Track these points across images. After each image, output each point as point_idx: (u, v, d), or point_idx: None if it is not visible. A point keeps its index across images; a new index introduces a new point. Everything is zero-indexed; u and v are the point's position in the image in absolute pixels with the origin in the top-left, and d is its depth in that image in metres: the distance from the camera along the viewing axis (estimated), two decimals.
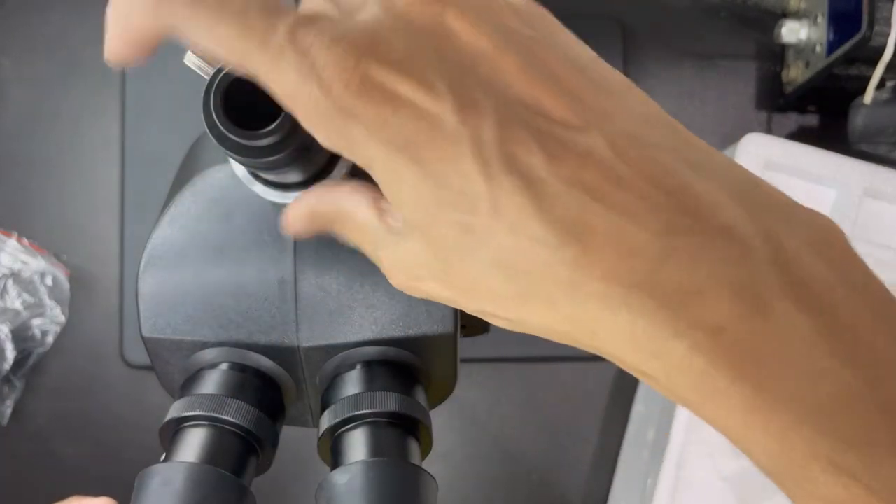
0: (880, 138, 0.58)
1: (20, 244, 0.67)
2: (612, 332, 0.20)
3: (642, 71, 0.70)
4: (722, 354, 0.18)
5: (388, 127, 0.19)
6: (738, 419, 0.19)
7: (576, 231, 0.19)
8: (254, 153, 0.25)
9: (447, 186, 0.20)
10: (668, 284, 0.19)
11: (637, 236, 0.19)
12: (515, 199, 0.19)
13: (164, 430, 0.30)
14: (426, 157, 0.19)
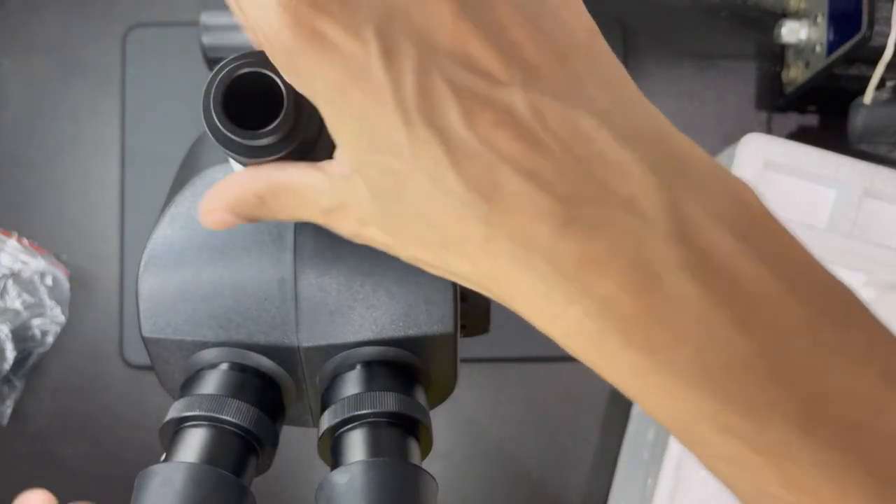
0: (880, 138, 0.58)
1: (20, 244, 0.67)
2: (520, 292, 0.20)
3: (642, 71, 0.70)
4: (611, 322, 0.19)
5: (322, 70, 0.20)
6: (631, 382, 0.20)
7: (486, 190, 0.19)
8: (253, 153, 0.25)
9: (375, 130, 0.20)
10: (567, 252, 0.19)
11: (543, 201, 0.19)
12: (433, 151, 0.19)
13: (164, 430, 0.30)
14: (355, 102, 0.20)
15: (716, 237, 0.19)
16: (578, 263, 0.19)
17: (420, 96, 0.19)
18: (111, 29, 0.71)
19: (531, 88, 0.19)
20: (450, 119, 0.19)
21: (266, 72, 0.24)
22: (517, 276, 0.20)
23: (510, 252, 0.19)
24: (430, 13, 0.20)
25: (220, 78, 0.24)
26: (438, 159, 0.19)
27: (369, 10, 0.20)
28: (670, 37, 0.71)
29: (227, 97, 0.24)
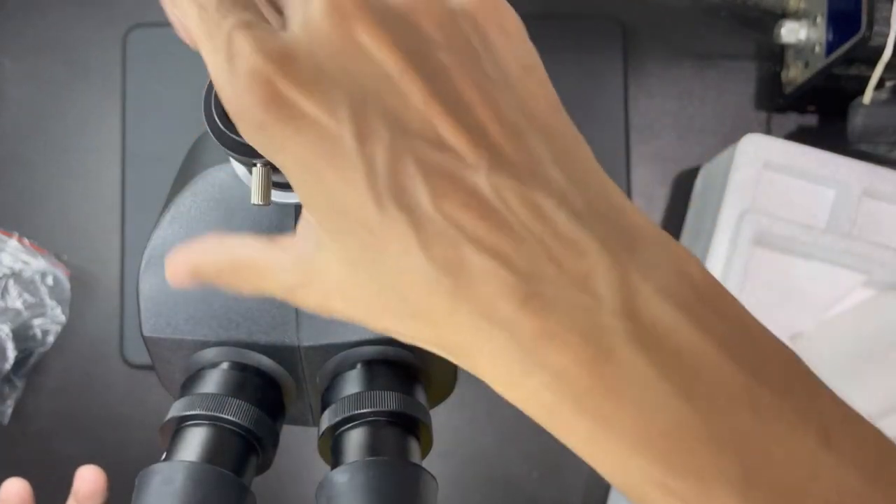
0: (879, 138, 0.58)
1: (21, 244, 0.67)
2: (482, 360, 0.21)
3: (642, 71, 0.70)
4: (565, 393, 0.20)
5: (293, 144, 0.20)
6: (585, 448, 0.21)
7: (451, 268, 0.20)
8: (254, 152, 0.25)
9: (346, 208, 0.20)
10: (526, 327, 0.20)
11: (505, 278, 0.20)
12: (401, 230, 0.20)
13: (164, 430, 0.30)
14: (327, 177, 0.20)
15: (660, 311, 0.20)
16: (535, 337, 0.20)
17: (391, 178, 0.20)
18: (112, 29, 0.71)
19: (496, 170, 0.20)
20: (419, 199, 0.20)
21: None
22: (479, 345, 0.20)
23: (473, 324, 0.20)
24: (402, 93, 0.20)
25: None
26: (407, 237, 0.20)
27: (343, 90, 0.20)
28: (670, 37, 0.71)
29: None
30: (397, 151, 0.20)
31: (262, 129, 0.20)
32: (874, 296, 0.62)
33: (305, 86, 0.20)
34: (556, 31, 0.69)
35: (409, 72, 0.20)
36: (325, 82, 0.20)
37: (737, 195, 0.58)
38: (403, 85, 0.20)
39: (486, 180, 0.20)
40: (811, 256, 0.60)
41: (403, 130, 0.20)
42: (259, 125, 0.20)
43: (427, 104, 0.20)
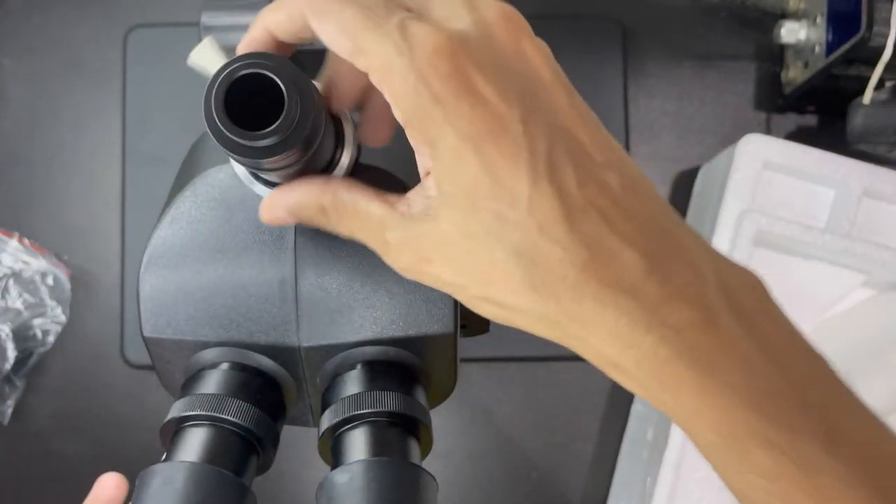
0: (879, 138, 0.58)
1: (21, 244, 0.67)
2: (599, 326, 0.24)
3: (642, 71, 0.70)
4: (681, 347, 0.24)
5: (464, 117, 0.23)
6: (692, 401, 0.24)
7: (588, 243, 0.24)
8: (254, 153, 0.25)
9: (498, 180, 0.24)
10: (647, 293, 0.24)
11: (630, 256, 0.24)
12: (550, 203, 0.24)
13: (164, 430, 0.30)
14: (488, 152, 0.24)
15: (747, 299, 0.25)
16: (658, 301, 0.24)
17: (548, 159, 0.24)
18: (112, 29, 0.71)
19: (618, 171, 0.25)
20: (568, 182, 0.24)
21: (267, 73, 0.24)
22: (600, 312, 0.24)
23: (598, 293, 0.24)
24: (553, 97, 0.25)
25: (221, 79, 0.24)
26: (553, 211, 0.24)
27: (513, 80, 0.24)
28: (670, 37, 0.71)
29: (229, 98, 0.24)
30: (554, 139, 0.24)
31: (437, 101, 0.23)
32: (874, 296, 0.62)
33: (483, 67, 0.24)
34: (556, 31, 0.69)
35: (557, 83, 0.25)
36: (500, 70, 0.24)
37: (736, 195, 0.58)
38: (553, 91, 0.25)
39: (614, 177, 0.24)
40: (811, 256, 0.60)
41: (556, 125, 0.24)
42: (435, 98, 0.23)
43: (570, 110, 0.25)
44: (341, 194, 0.27)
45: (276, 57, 0.25)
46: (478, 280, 0.25)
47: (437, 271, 0.26)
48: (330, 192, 0.27)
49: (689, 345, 0.24)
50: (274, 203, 0.28)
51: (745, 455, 0.24)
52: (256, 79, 0.24)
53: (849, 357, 0.58)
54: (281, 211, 0.28)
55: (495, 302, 0.25)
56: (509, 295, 0.25)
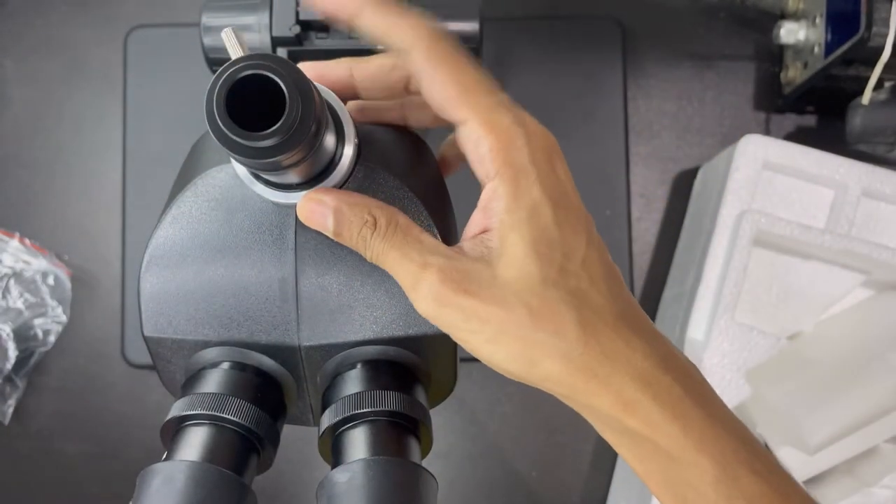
0: (878, 139, 0.58)
1: (22, 244, 0.67)
2: (625, 364, 0.28)
3: (641, 71, 0.70)
4: (690, 388, 0.29)
5: (549, 181, 0.29)
6: (697, 434, 0.28)
7: (618, 298, 0.30)
8: (256, 154, 0.25)
9: (564, 235, 0.29)
10: (661, 343, 0.30)
11: (645, 315, 0.30)
12: (597, 263, 0.29)
13: (165, 429, 0.30)
14: (560, 213, 0.29)
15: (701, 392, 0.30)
16: (669, 350, 0.30)
17: (593, 234, 0.30)
18: (113, 30, 0.71)
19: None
20: (604, 250, 0.30)
21: (269, 74, 0.24)
22: (629, 353, 0.28)
23: (629, 338, 0.29)
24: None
25: (223, 80, 0.24)
26: (600, 270, 0.29)
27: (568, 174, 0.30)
28: (669, 38, 0.71)
29: (230, 99, 0.24)
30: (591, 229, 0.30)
31: (534, 163, 0.28)
32: (873, 295, 0.62)
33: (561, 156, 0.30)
34: (556, 32, 0.69)
35: None
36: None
37: (736, 195, 0.58)
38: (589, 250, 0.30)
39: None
40: (810, 256, 0.60)
41: None
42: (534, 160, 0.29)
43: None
44: (398, 214, 0.29)
45: (277, 58, 0.25)
46: (516, 316, 0.27)
47: (469, 304, 0.27)
48: (387, 209, 0.29)
49: (696, 388, 0.29)
50: (321, 199, 0.29)
51: (736, 482, 0.28)
52: (258, 80, 0.24)
53: (848, 357, 0.58)
54: (327, 210, 0.28)
55: (523, 338, 0.28)
56: (553, 330, 0.27)
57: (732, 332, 0.57)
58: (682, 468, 0.28)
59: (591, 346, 0.28)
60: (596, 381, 0.28)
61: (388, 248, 0.28)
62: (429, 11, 0.52)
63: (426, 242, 0.29)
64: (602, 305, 0.28)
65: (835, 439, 0.56)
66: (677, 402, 0.28)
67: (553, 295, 0.28)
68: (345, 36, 0.52)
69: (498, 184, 0.28)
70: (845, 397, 0.57)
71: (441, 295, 0.27)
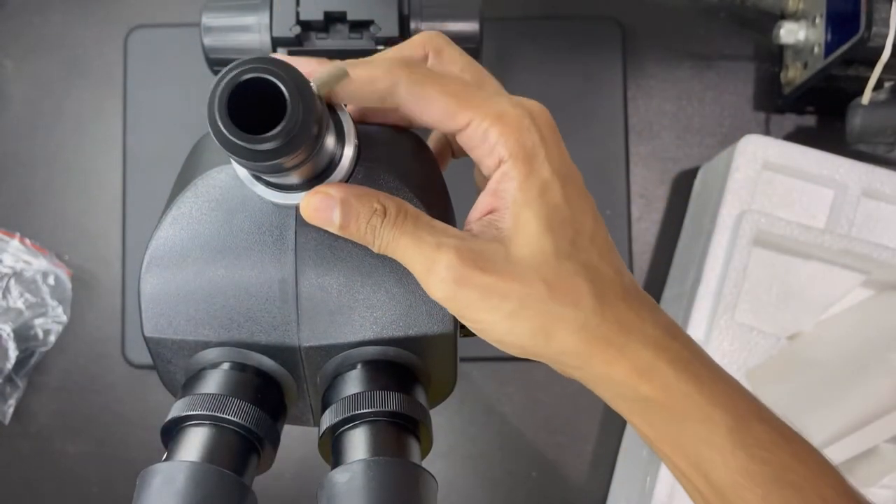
0: (878, 139, 0.58)
1: (22, 244, 0.67)
2: (639, 333, 0.29)
3: (641, 71, 0.70)
4: (696, 353, 0.31)
5: (558, 159, 0.30)
6: (709, 392, 0.30)
7: (624, 272, 0.31)
8: (256, 156, 0.25)
9: (574, 211, 0.30)
10: (663, 314, 0.31)
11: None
12: (603, 238, 0.31)
13: (165, 429, 0.30)
14: (569, 190, 0.30)
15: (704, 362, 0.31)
16: (670, 320, 0.31)
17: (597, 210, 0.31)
18: (113, 30, 0.71)
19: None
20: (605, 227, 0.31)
21: (270, 77, 0.24)
22: (640, 322, 0.30)
23: (640, 307, 0.30)
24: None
25: (224, 82, 0.24)
26: (606, 245, 0.31)
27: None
28: (669, 38, 0.71)
29: (232, 102, 0.24)
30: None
31: (543, 142, 0.29)
32: (873, 295, 0.62)
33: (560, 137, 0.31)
34: (556, 32, 0.69)
35: None
36: None
37: (736, 195, 0.59)
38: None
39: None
40: (810, 256, 0.60)
41: None
42: (543, 139, 0.29)
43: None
44: (406, 204, 0.29)
45: (278, 61, 0.25)
46: (535, 290, 0.28)
47: (488, 281, 0.28)
48: (395, 199, 0.29)
49: (699, 352, 0.30)
50: (328, 192, 0.28)
51: (749, 429, 0.29)
52: (259, 83, 0.24)
53: (848, 357, 0.58)
54: (333, 202, 0.28)
55: (542, 312, 0.28)
56: (571, 302, 0.28)
57: (732, 332, 0.57)
58: (696, 425, 0.29)
59: (606, 316, 0.29)
60: (613, 350, 0.29)
61: (400, 235, 0.28)
62: (429, 11, 0.51)
63: (437, 226, 0.29)
64: (612, 278, 0.29)
65: (835, 439, 0.56)
66: (688, 365, 0.30)
67: (568, 268, 0.28)
68: (345, 36, 0.52)
69: (510, 166, 0.29)
70: (845, 397, 0.57)
71: (459, 274, 0.28)
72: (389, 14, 0.51)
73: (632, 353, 0.29)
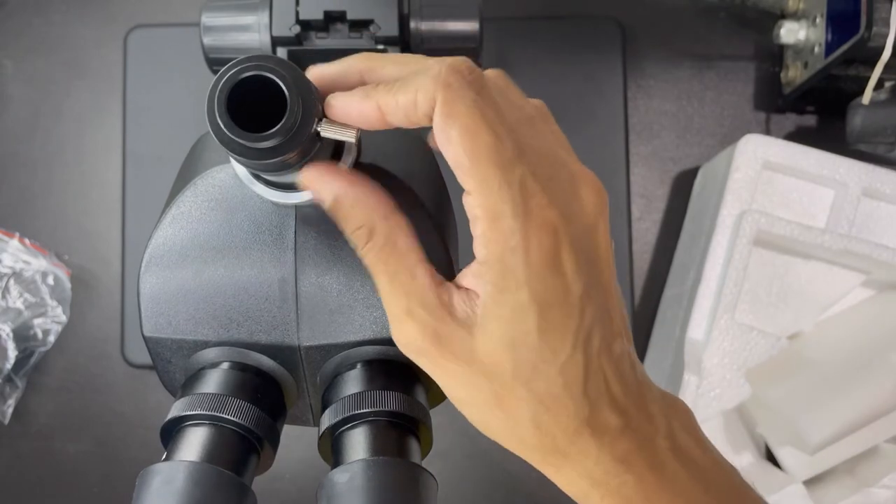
0: (878, 138, 0.58)
1: (22, 244, 0.67)
2: (577, 465, 0.28)
3: (641, 71, 0.70)
4: (639, 490, 0.28)
5: (543, 284, 0.27)
6: None
7: (591, 402, 0.28)
8: (256, 155, 0.25)
9: (546, 341, 0.27)
10: (620, 448, 0.28)
11: (613, 418, 0.28)
12: (577, 370, 0.27)
13: (165, 429, 0.30)
14: (549, 317, 0.27)
15: (683, 436, 0.29)
16: (625, 454, 0.28)
17: (588, 332, 0.27)
18: (113, 30, 0.71)
19: (621, 337, 0.29)
20: (592, 351, 0.28)
21: (270, 75, 0.24)
22: (581, 459, 0.28)
23: (586, 445, 0.28)
24: (603, 272, 0.28)
25: (224, 81, 0.24)
26: (578, 376, 0.27)
27: (586, 255, 0.27)
28: (669, 38, 0.71)
29: (231, 100, 0.24)
30: (596, 317, 0.27)
31: (528, 266, 0.26)
32: (873, 296, 0.62)
33: (573, 245, 0.27)
34: (556, 32, 0.69)
35: (609, 257, 0.29)
36: (581, 246, 0.27)
37: (736, 195, 0.58)
38: (605, 267, 0.28)
39: (619, 346, 0.28)
40: (810, 256, 0.60)
41: (599, 299, 0.28)
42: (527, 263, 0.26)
43: (610, 285, 0.28)
44: (399, 234, 0.28)
45: (278, 59, 0.25)
46: (483, 396, 0.28)
47: (441, 363, 0.28)
48: (390, 221, 0.28)
49: (645, 488, 0.28)
50: (325, 181, 0.28)
51: None
52: (259, 81, 0.24)
53: (849, 357, 0.58)
54: (326, 193, 0.28)
55: (481, 409, 0.29)
56: (505, 420, 0.28)
57: (732, 332, 0.57)
58: None
59: (545, 444, 0.28)
60: (548, 466, 0.29)
61: (378, 268, 0.28)
62: (429, 11, 0.51)
63: (417, 282, 0.28)
64: (570, 412, 0.27)
65: (835, 439, 0.56)
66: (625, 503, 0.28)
67: (519, 394, 0.27)
68: (345, 35, 0.52)
69: (486, 270, 0.27)
70: (845, 397, 0.57)
71: (419, 347, 0.28)
72: (389, 13, 0.51)
73: (567, 476, 0.29)
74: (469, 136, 0.25)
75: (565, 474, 0.29)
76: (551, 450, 0.28)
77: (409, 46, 0.52)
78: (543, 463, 0.29)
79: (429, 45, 0.52)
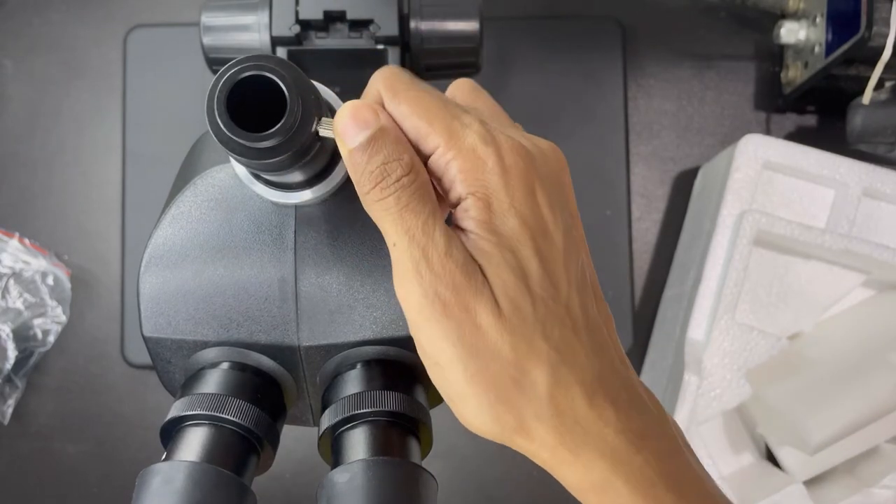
0: (878, 138, 0.58)
1: (22, 244, 0.67)
2: (597, 440, 0.27)
3: (642, 71, 0.70)
4: (660, 471, 0.27)
5: (526, 208, 0.27)
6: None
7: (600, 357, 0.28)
8: (256, 155, 0.25)
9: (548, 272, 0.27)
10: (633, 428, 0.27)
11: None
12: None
13: (164, 429, 0.30)
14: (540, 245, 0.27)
15: (678, 431, 0.29)
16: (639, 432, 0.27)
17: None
18: (112, 30, 0.71)
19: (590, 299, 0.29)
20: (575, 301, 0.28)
21: (269, 75, 0.24)
22: (601, 426, 0.27)
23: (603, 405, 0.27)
24: (577, 225, 0.29)
25: (223, 81, 0.24)
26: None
27: (556, 197, 0.28)
28: (669, 37, 0.71)
29: (231, 99, 0.24)
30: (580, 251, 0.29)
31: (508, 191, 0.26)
32: (873, 295, 0.62)
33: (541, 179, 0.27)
34: (556, 32, 0.69)
35: (577, 217, 0.30)
36: (549, 185, 0.28)
37: (736, 195, 0.58)
38: (577, 222, 0.29)
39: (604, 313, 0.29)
40: (811, 256, 0.60)
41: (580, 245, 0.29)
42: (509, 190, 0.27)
43: (580, 235, 0.29)
44: (433, 196, 0.27)
45: (278, 59, 0.25)
46: (495, 360, 0.26)
47: (452, 326, 0.26)
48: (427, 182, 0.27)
49: (671, 469, 0.27)
50: (373, 112, 0.26)
51: None
52: (258, 80, 0.24)
53: (849, 357, 0.58)
54: (375, 122, 0.26)
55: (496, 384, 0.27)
56: (528, 384, 0.27)
57: (733, 332, 0.57)
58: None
59: (563, 411, 0.26)
60: (564, 451, 0.27)
61: (398, 214, 0.26)
62: (429, 10, 0.51)
63: (436, 244, 0.26)
64: (583, 362, 0.26)
65: (835, 439, 0.56)
66: (649, 488, 0.26)
67: (539, 348, 0.26)
68: (345, 35, 0.52)
69: (470, 203, 0.26)
70: (845, 397, 0.57)
71: (425, 312, 0.26)
72: (389, 13, 0.51)
73: (585, 460, 0.26)
74: (417, 102, 0.27)
75: (583, 456, 0.26)
76: (571, 422, 0.26)
77: (409, 46, 0.52)
78: (560, 448, 0.27)
79: (429, 44, 0.52)
